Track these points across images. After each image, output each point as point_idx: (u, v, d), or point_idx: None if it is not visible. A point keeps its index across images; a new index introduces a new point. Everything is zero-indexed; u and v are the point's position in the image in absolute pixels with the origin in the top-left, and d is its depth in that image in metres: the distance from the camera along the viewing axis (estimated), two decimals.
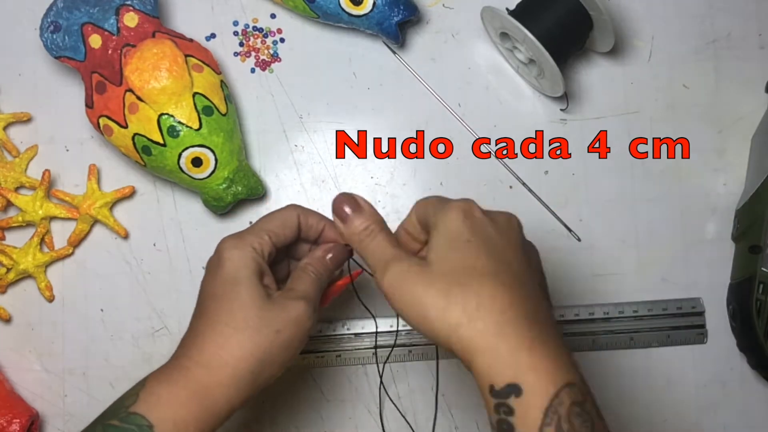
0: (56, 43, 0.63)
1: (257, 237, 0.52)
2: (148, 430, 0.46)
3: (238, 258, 0.50)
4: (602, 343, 0.66)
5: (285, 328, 0.49)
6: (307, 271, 0.53)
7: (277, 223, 0.53)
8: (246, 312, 0.49)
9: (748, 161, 0.68)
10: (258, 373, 0.49)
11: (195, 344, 0.49)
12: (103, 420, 0.47)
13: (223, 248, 0.51)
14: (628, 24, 0.69)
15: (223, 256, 0.51)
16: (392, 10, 0.65)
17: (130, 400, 0.47)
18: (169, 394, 0.47)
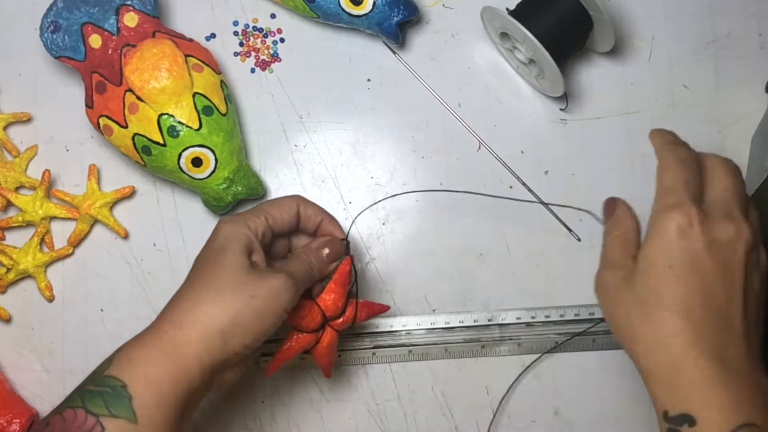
0: (56, 43, 0.63)
1: (254, 216, 0.54)
2: (122, 389, 0.47)
3: (230, 231, 0.53)
4: (603, 343, 0.66)
5: (260, 295, 0.50)
6: (300, 257, 0.55)
7: (276, 206, 0.56)
8: (225, 276, 0.50)
9: (748, 161, 0.68)
10: (229, 335, 0.49)
11: (172, 306, 0.50)
12: (80, 388, 0.48)
13: (220, 223, 0.54)
14: (628, 24, 0.69)
15: (217, 229, 0.54)
16: (392, 10, 0.65)
17: (105, 366, 0.48)
18: (141, 354, 0.48)
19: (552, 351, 0.66)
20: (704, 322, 0.44)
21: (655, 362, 0.44)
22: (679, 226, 0.44)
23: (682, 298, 0.44)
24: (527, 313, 0.66)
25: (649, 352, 0.44)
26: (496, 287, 0.67)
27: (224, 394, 0.66)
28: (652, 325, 0.44)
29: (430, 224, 0.67)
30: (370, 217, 0.68)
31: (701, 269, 0.44)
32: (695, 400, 0.42)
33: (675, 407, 0.43)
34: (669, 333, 0.43)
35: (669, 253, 0.44)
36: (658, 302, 0.44)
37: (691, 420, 0.42)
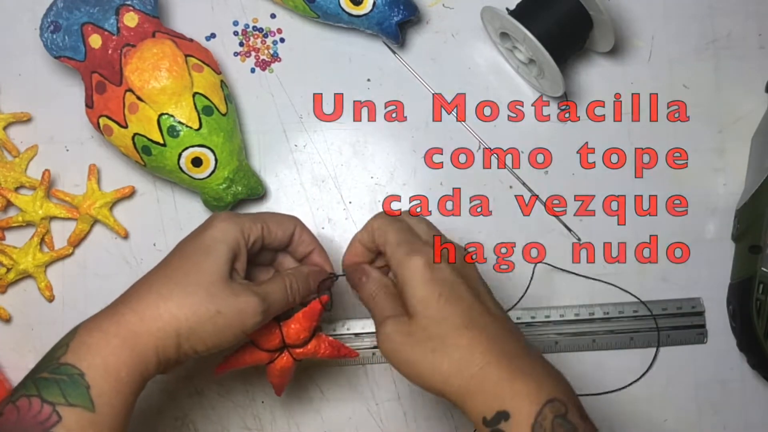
0: (56, 43, 0.63)
1: (252, 222, 0.53)
2: (79, 378, 0.46)
3: (222, 231, 0.52)
4: (602, 343, 0.66)
5: (226, 314, 0.49)
6: (283, 278, 0.54)
7: (274, 221, 0.55)
8: (200, 281, 0.49)
9: (748, 161, 0.68)
10: (183, 338, 0.49)
11: (138, 293, 0.49)
12: (34, 375, 0.47)
13: (215, 218, 0.53)
14: (628, 24, 0.69)
15: (210, 224, 0.52)
16: (392, 10, 0.65)
17: (60, 351, 0.47)
18: (100, 341, 0.47)
19: (552, 351, 0.66)
20: (487, 330, 0.48)
21: (461, 381, 0.47)
22: (425, 263, 0.49)
23: (460, 315, 0.48)
24: (527, 313, 0.66)
25: (454, 376, 0.47)
26: (496, 287, 0.67)
27: (224, 394, 0.66)
28: (449, 351, 0.47)
29: None
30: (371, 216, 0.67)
31: (460, 289, 0.49)
32: (504, 395, 0.45)
33: (490, 409, 0.46)
34: (465, 348, 0.47)
35: (431, 288, 0.48)
36: (449, 326, 0.48)
37: (506, 414, 0.45)
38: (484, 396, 0.46)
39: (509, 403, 0.45)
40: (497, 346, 0.47)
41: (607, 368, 0.66)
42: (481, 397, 0.46)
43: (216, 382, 0.65)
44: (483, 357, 0.47)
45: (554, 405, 0.45)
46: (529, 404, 0.45)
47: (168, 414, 0.65)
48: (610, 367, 0.66)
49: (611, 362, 0.66)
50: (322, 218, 0.68)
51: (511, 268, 0.67)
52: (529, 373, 0.47)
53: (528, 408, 0.45)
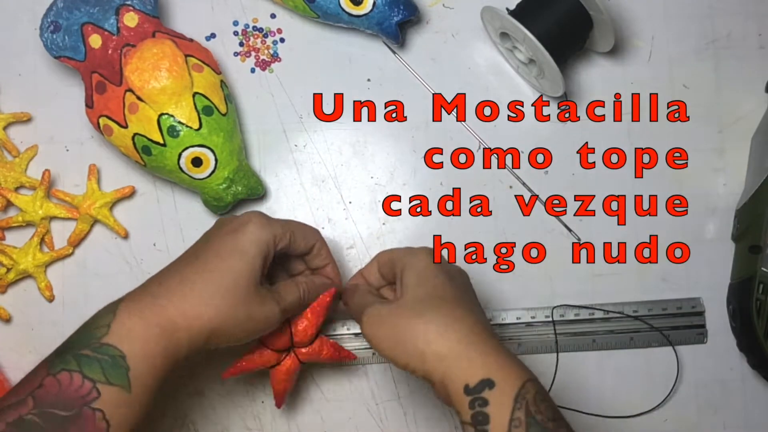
0: (56, 43, 0.63)
1: (282, 229, 0.56)
2: (121, 360, 0.49)
3: (258, 237, 0.54)
4: (602, 342, 0.66)
5: (255, 320, 0.53)
6: (299, 287, 0.58)
7: (301, 231, 0.58)
8: (237, 285, 0.52)
9: (748, 161, 0.68)
10: (214, 336, 0.52)
11: (181, 290, 0.51)
12: (74, 349, 0.49)
13: (251, 220, 0.55)
14: (628, 24, 0.69)
15: (247, 228, 0.54)
16: (392, 10, 0.65)
17: (102, 331, 0.50)
18: (140, 328, 0.49)
19: (552, 351, 0.66)
20: (474, 311, 0.51)
21: (448, 344, 0.48)
22: (431, 255, 0.54)
23: (455, 293, 0.52)
24: (527, 313, 0.66)
25: (440, 338, 0.48)
26: (496, 287, 0.67)
27: (224, 394, 0.66)
28: (441, 313, 0.49)
29: (429, 224, 0.67)
30: (370, 217, 0.68)
31: (455, 279, 0.54)
32: (491, 365, 0.47)
33: (474, 377, 0.47)
34: (457, 319, 0.49)
35: (431, 269, 0.53)
36: (442, 298, 0.51)
37: (491, 383, 0.47)
38: (469, 362, 0.47)
39: (495, 373, 0.47)
40: (481, 324, 0.50)
41: (607, 368, 0.66)
42: (466, 363, 0.47)
43: (217, 382, 0.65)
44: (471, 328, 0.49)
45: (535, 383, 0.48)
46: (514, 377, 0.47)
47: (168, 414, 0.65)
48: (610, 367, 0.66)
49: (611, 362, 0.66)
50: (322, 218, 0.68)
51: (511, 268, 0.67)
52: (511, 354, 0.49)
53: (513, 380, 0.47)
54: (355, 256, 0.67)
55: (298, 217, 0.67)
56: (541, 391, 0.48)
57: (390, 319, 0.51)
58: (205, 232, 0.57)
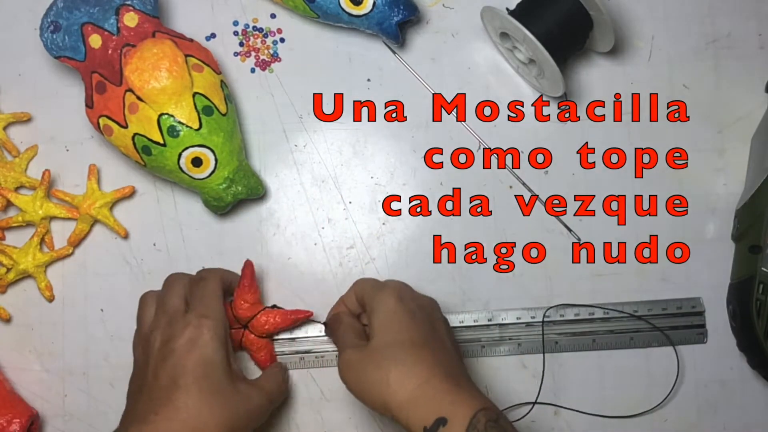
0: (56, 43, 0.63)
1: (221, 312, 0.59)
2: None
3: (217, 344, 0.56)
4: (602, 342, 0.66)
5: (244, 419, 0.56)
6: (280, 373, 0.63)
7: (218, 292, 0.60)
8: (224, 400, 0.55)
9: (748, 161, 0.68)
10: None
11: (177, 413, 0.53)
12: None
13: (203, 328, 0.56)
14: (628, 24, 0.69)
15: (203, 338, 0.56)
16: (392, 10, 0.65)
17: None
18: None
19: (552, 351, 0.66)
20: (434, 353, 0.54)
21: (405, 393, 0.52)
22: (395, 296, 0.57)
23: (412, 337, 0.54)
24: (527, 313, 0.66)
25: (398, 388, 0.52)
26: (496, 287, 0.67)
27: None
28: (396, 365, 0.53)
29: (429, 224, 0.67)
30: (370, 217, 0.68)
31: (419, 317, 0.56)
32: (443, 405, 0.51)
33: (429, 417, 0.50)
34: (413, 363, 0.53)
35: (395, 311, 0.56)
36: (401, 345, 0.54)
37: (444, 420, 0.50)
38: (425, 406, 0.51)
39: (447, 410, 0.50)
40: (440, 365, 0.53)
41: (607, 368, 0.66)
42: (422, 407, 0.51)
43: None
44: (428, 371, 0.52)
45: (487, 412, 0.50)
46: (465, 410, 0.50)
47: None
48: (610, 367, 0.66)
49: (611, 362, 0.66)
50: (322, 218, 0.68)
51: (511, 268, 0.67)
52: (466, 387, 0.52)
53: (464, 413, 0.50)
54: (355, 256, 0.67)
55: (298, 217, 0.68)
56: (493, 417, 0.50)
57: (358, 366, 0.55)
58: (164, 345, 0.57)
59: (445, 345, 0.56)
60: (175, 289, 0.60)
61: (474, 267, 0.67)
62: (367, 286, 0.59)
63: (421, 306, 0.58)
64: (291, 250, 0.67)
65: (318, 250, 0.67)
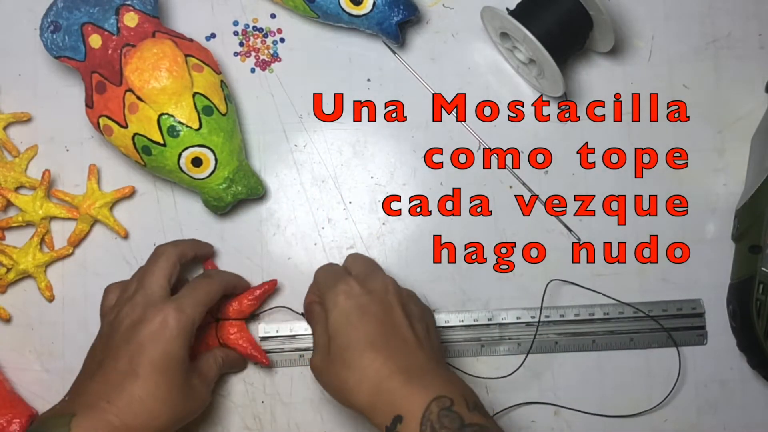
0: (56, 43, 0.63)
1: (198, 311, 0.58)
2: None
3: (182, 341, 0.56)
4: (602, 343, 0.66)
5: (193, 410, 0.58)
6: (217, 362, 0.62)
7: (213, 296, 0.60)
8: (178, 396, 0.56)
9: (748, 161, 0.68)
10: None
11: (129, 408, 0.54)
12: None
13: (173, 321, 0.56)
14: (628, 24, 0.69)
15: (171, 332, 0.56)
16: (392, 10, 0.65)
17: None
18: None
19: (552, 351, 0.66)
20: (387, 348, 0.54)
21: (366, 396, 0.52)
22: (344, 292, 0.56)
23: (364, 337, 0.54)
24: (527, 313, 0.66)
25: (360, 392, 0.53)
26: (496, 287, 0.67)
27: (224, 394, 0.66)
28: (354, 371, 0.53)
29: (429, 224, 0.67)
30: (370, 217, 0.68)
31: (370, 312, 0.55)
32: (397, 402, 0.51)
33: (388, 417, 0.51)
34: (365, 366, 0.53)
35: (344, 312, 0.55)
36: (350, 351, 0.54)
37: (400, 418, 0.50)
38: (382, 406, 0.52)
39: (402, 407, 0.51)
40: (394, 362, 0.53)
41: (607, 368, 0.66)
42: (380, 408, 0.52)
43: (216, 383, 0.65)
44: (378, 373, 0.52)
45: (440, 400, 0.50)
46: (418, 404, 0.50)
47: None
48: (609, 367, 0.66)
49: (611, 363, 0.66)
50: (322, 218, 0.68)
51: (511, 268, 0.67)
52: (420, 379, 0.52)
53: (417, 407, 0.50)
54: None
55: (298, 217, 0.68)
56: (446, 405, 0.50)
57: (323, 374, 0.56)
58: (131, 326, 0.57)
59: (401, 334, 0.55)
60: (162, 266, 0.59)
61: (474, 267, 0.67)
62: (321, 281, 0.59)
63: (373, 294, 0.56)
64: (291, 250, 0.67)
65: (318, 250, 0.67)
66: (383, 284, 0.58)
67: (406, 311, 0.57)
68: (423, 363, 0.54)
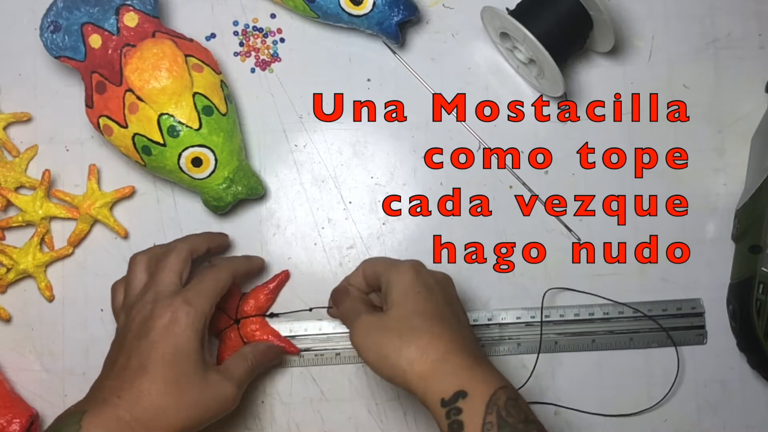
0: (56, 43, 0.63)
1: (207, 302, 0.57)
2: None
3: (192, 333, 0.56)
4: (602, 343, 0.66)
5: (213, 409, 0.56)
6: (247, 359, 0.61)
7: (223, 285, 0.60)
8: (191, 390, 0.55)
9: (748, 161, 0.68)
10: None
11: (140, 403, 0.53)
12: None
13: (183, 314, 0.56)
14: (628, 24, 0.69)
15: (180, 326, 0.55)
16: (392, 10, 0.65)
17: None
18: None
19: (552, 351, 0.66)
20: (452, 325, 0.54)
21: (425, 365, 0.51)
22: (413, 268, 0.57)
23: (435, 308, 0.54)
24: (527, 313, 0.66)
25: (418, 359, 0.51)
26: (496, 287, 0.67)
27: None
28: (418, 336, 0.52)
29: (429, 224, 0.67)
30: (370, 217, 0.68)
31: (436, 291, 0.56)
32: (464, 378, 0.50)
33: (449, 390, 0.50)
34: (434, 335, 0.52)
35: (413, 284, 0.55)
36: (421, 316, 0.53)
37: (464, 393, 0.50)
38: (445, 378, 0.51)
39: (467, 384, 0.50)
40: (459, 340, 0.53)
41: (607, 369, 0.66)
42: (442, 379, 0.51)
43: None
44: (447, 345, 0.52)
45: (507, 390, 0.51)
46: (486, 386, 0.50)
47: None
48: (609, 367, 0.66)
49: (610, 362, 0.66)
50: (322, 218, 0.68)
51: (511, 268, 0.67)
52: (486, 365, 0.52)
53: (484, 388, 0.50)
54: (355, 256, 0.67)
55: (298, 217, 0.68)
56: (513, 396, 0.51)
57: (376, 334, 0.54)
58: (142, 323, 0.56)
59: (462, 321, 0.56)
60: (173, 262, 0.59)
61: (474, 267, 0.67)
62: (378, 263, 0.59)
63: (438, 281, 0.57)
64: (291, 250, 0.67)
65: (318, 250, 0.67)
66: (444, 277, 0.59)
67: (462, 306, 0.58)
68: (477, 348, 0.55)
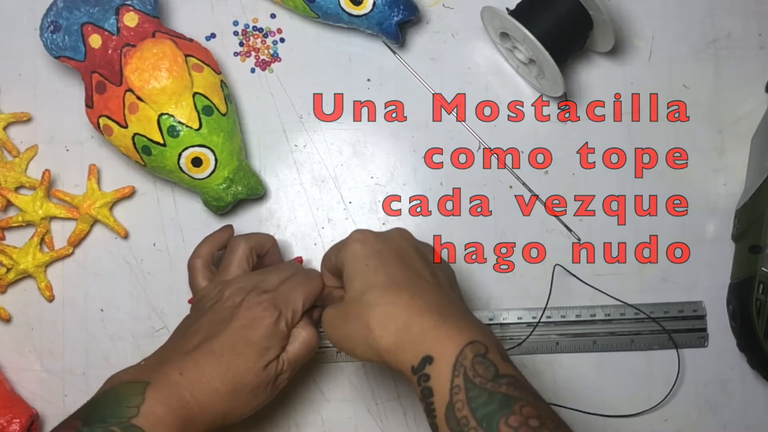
0: (56, 43, 0.63)
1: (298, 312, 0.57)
2: None
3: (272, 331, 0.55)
4: (603, 344, 0.66)
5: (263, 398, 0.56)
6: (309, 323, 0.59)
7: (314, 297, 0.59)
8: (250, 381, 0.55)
9: (748, 161, 0.68)
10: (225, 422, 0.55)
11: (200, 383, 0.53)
12: (104, 422, 0.50)
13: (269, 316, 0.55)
14: (628, 24, 0.69)
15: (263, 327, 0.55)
16: (392, 10, 0.65)
17: (132, 412, 0.51)
18: (167, 417, 0.52)
19: (553, 351, 0.66)
20: (412, 288, 0.52)
21: (389, 337, 0.50)
22: (358, 240, 0.54)
23: (385, 277, 0.52)
24: (528, 313, 0.66)
25: (381, 333, 0.50)
26: (496, 287, 0.67)
27: None
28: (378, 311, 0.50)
29: (429, 224, 0.67)
30: (370, 217, 0.68)
31: (389, 256, 0.53)
32: (428, 342, 0.49)
33: (416, 357, 0.49)
34: (391, 304, 0.50)
35: (360, 257, 0.53)
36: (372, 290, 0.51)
37: (430, 358, 0.48)
38: (411, 346, 0.49)
39: (433, 348, 0.48)
40: (421, 300, 0.51)
41: (607, 370, 0.66)
42: (408, 348, 0.49)
43: None
44: (406, 311, 0.50)
45: (474, 345, 0.48)
46: (451, 346, 0.48)
47: None
48: (609, 368, 0.66)
49: (611, 363, 0.66)
50: (322, 218, 0.68)
51: (511, 268, 0.67)
52: (452, 321, 0.50)
53: (450, 350, 0.48)
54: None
55: (298, 217, 0.68)
56: (481, 351, 0.48)
57: (340, 324, 0.53)
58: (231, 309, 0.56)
59: (423, 277, 0.53)
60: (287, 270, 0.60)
61: (474, 267, 0.67)
62: (331, 251, 0.57)
63: (388, 241, 0.55)
64: (291, 250, 0.67)
65: (318, 250, 0.67)
66: (398, 231, 0.57)
67: (425, 259, 0.55)
68: (453, 305, 0.52)
